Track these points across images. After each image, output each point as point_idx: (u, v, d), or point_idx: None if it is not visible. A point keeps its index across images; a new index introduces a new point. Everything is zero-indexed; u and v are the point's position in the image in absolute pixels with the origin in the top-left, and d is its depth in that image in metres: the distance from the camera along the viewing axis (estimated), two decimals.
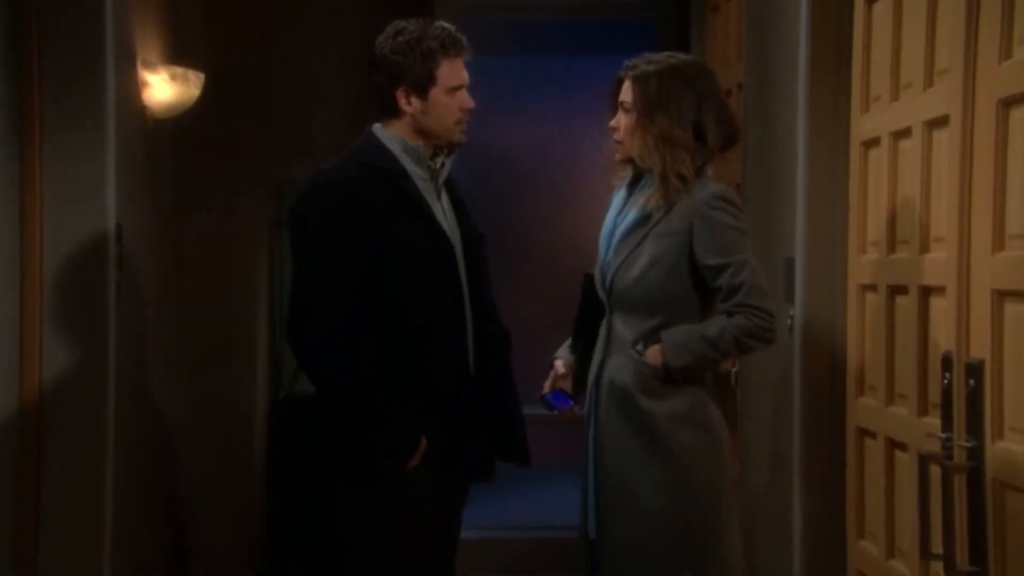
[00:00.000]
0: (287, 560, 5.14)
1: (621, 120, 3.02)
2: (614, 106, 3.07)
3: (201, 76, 4.37)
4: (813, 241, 3.54)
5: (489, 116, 3.13)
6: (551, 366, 3.13)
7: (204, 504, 5.03)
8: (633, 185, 3.07)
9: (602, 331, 3.06)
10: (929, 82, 2.86)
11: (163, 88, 4.23)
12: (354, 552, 2.98)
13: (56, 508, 3.58)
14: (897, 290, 3.05)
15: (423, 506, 2.96)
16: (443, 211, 3.04)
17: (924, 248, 2.87)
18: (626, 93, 3.02)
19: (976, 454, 2.46)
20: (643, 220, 2.99)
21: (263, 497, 5.39)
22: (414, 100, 2.99)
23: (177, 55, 4.50)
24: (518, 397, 3.10)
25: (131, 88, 4.04)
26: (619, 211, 3.08)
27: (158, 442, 4.53)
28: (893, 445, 3.06)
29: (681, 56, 3.09)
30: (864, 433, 3.27)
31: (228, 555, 5.15)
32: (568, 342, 3.15)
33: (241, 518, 5.27)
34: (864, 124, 3.30)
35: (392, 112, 3.02)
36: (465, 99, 3.01)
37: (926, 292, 2.86)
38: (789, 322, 3.59)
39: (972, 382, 2.47)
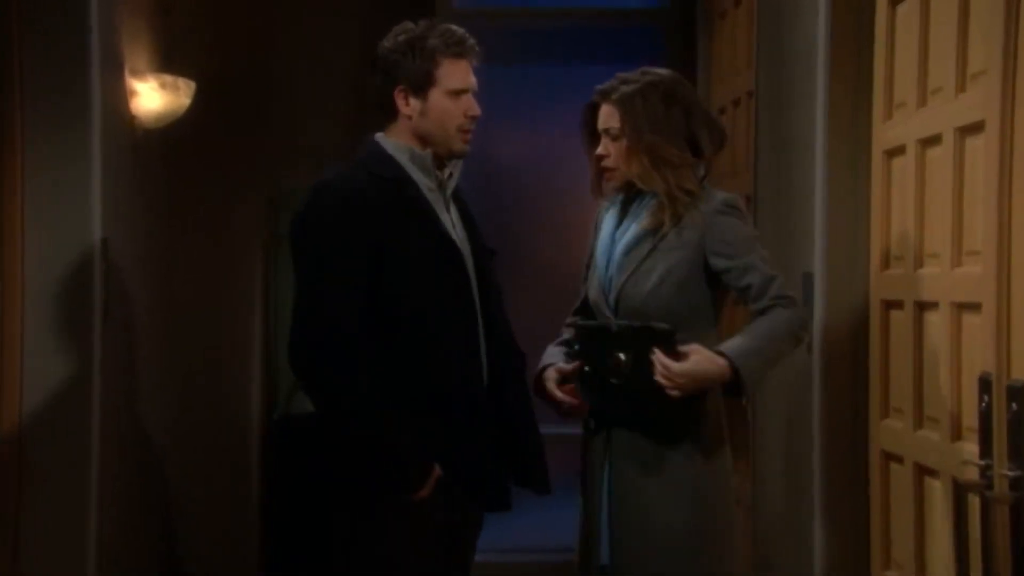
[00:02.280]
0: None
1: (609, 147, 2.91)
2: (592, 135, 2.97)
3: (192, 84, 4.25)
4: (832, 255, 3.39)
5: (489, 126, 2.99)
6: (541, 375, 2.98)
7: (198, 530, 4.90)
8: (628, 202, 2.95)
9: None
10: (961, 86, 2.72)
11: (152, 97, 4.11)
12: None
13: (37, 538, 3.44)
14: (925, 306, 2.92)
15: (433, 537, 2.79)
16: (452, 223, 2.88)
17: (956, 262, 2.73)
18: (609, 119, 2.92)
19: (1020, 484, 2.30)
20: (649, 233, 2.89)
21: (259, 522, 5.24)
22: (412, 101, 2.83)
23: (167, 62, 4.37)
24: (535, 420, 2.94)
25: (118, 97, 3.92)
26: (616, 226, 2.96)
27: (148, 466, 4.40)
28: (922, 471, 2.91)
29: (654, 71, 3.01)
30: (890, 457, 3.13)
31: None
32: (560, 343, 3.03)
33: (237, 544, 5.12)
34: (887, 132, 3.17)
35: (390, 115, 2.87)
36: (469, 105, 2.85)
37: (959, 309, 2.71)
38: (807, 339, 3.43)
39: (1015, 406, 2.31)
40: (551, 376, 2.95)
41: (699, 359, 2.76)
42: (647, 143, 2.86)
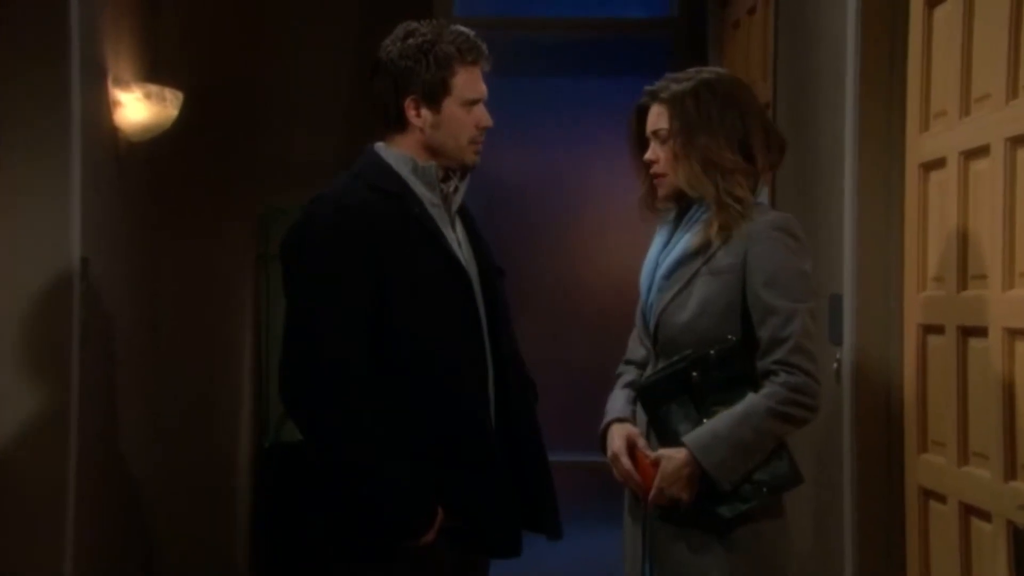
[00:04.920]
0: None
1: (658, 152, 2.65)
2: (639, 139, 2.71)
3: (179, 95, 4.14)
4: (863, 276, 3.18)
5: (490, 138, 2.78)
6: (606, 434, 2.67)
7: (183, 563, 4.73)
8: (678, 219, 2.69)
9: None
10: (1013, 93, 2.53)
11: (137, 108, 4.00)
12: None
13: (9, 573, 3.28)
14: (970, 332, 2.72)
15: None
16: (457, 242, 2.67)
17: (1008, 284, 2.54)
18: (658, 120, 2.65)
19: None
20: (694, 254, 2.61)
21: (248, 557, 5.04)
22: (424, 112, 2.62)
23: (153, 72, 4.30)
24: (546, 457, 2.72)
25: (100, 108, 3.82)
26: (663, 248, 2.69)
27: (131, 496, 4.26)
28: (969, 511, 2.70)
29: (710, 69, 2.75)
30: (929, 495, 2.93)
31: None
32: (626, 386, 2.72)
33: None
34: (924, 143, 2.98)
35: (398, 126, 2.65)
36: (482, 115, 2.65)
37: (1011, 335, 2.51)
38: (836, 366, 3.23)
39: None
40: (622, 449, 2.60)
41: (664, 466, 2.52)
42: (698, 146, 2.61)
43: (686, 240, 2.63)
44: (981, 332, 2.64)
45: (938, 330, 2.87)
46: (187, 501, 4.74)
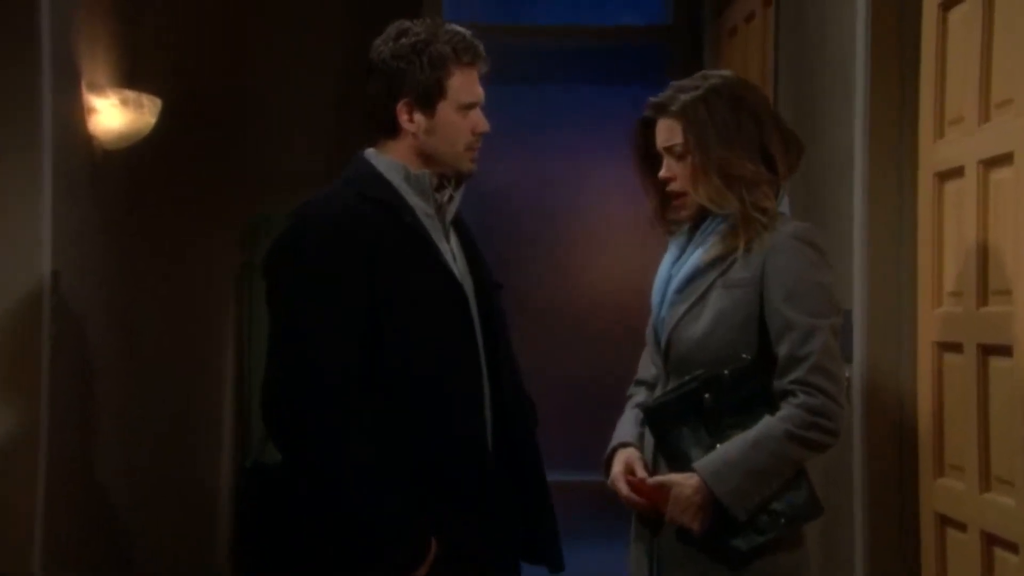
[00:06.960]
0: None
1: (674, 168, 2.50)
2: (644, 154, 2.56)
3: (158, 101, 4.04)
4: (875, 290, 3.07)
5: (485, 148, 2.66)
6: (611, 459, 2.54)
7: None
8: (691, 231, 2.54)
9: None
10: None
11: (113, 114, 3.90)
12: None
13: None
14: (992, 350, 2.59)
15: None
16: (452, 254, 2.54)
17: None
18: (671, 135, 2.50)
19: None
20: (709, 267, 2.46)
21: None
22: (417, 116, 2.49)
23: (130, 77, 4.16)
24: (547, 484, 2.58)
25: (74, 114, 3.73)
26: (675, 260, 2.55)
27: (108, 519, 4.14)
28: (992, 541, 2.57)
29: (715, 73, 2.60)
30: (946, 522, 2.80)
31: None
32: (637, 406, 2.58)
33: None
34: (940, 152, 2.87)
35: (390, 131, 2.52)
36: (479, 120, 2.52)
37: None
38: (845, 385, 3.08)
39: None
40: (619, 474, 2.49)
41: (674, 493, 2.37)
42: (717, 158, 2.46)
43: (700, 252, 2.48)
44: (1004, 351, 2.51)
45: (955, 348, 2.75)
46: (166, 519, 4.61)
